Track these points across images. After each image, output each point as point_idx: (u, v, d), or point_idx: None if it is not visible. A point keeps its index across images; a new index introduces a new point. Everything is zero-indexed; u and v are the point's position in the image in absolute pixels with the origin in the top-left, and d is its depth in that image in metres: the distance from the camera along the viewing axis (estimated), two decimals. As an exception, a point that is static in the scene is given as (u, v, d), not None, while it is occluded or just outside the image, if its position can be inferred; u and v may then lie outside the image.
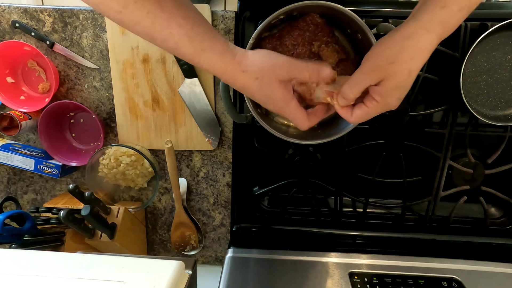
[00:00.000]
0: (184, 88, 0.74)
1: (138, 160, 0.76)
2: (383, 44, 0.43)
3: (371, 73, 0.43)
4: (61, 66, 0.75)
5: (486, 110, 0.67)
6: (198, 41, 0.42)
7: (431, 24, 0.40)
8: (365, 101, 0.45)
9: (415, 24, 0.41)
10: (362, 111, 0.46)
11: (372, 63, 0.43)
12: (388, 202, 0.78)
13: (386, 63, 0.42)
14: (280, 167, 0.77)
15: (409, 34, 0.41)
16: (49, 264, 0.46)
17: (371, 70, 0.43)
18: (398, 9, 0.65)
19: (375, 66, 0.43)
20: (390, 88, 0.43)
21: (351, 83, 0.45)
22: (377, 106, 0.45)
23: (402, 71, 0.42)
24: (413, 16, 0.42)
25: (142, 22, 0.40)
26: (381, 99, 0.44)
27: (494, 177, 0.73)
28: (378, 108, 0.45)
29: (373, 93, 0.44)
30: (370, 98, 0.45)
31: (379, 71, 0.42)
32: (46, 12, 0.72)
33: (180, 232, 0.82)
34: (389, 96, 0.44)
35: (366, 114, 0.46)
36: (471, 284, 0.61)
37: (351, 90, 0.45)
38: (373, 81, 0.43)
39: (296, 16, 0.57)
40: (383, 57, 0.42)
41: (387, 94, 0.43)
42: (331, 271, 0.63)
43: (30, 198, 0.84)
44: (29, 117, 0.74)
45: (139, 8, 0.39)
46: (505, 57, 0.64)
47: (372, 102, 0.45)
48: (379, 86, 0.43)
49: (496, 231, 0.76)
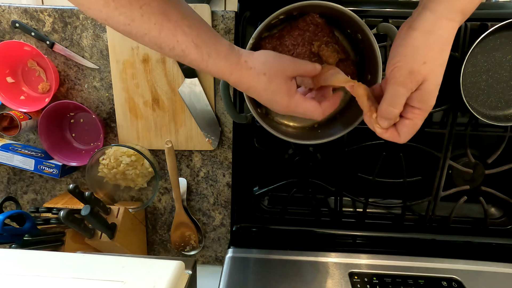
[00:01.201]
0: (184, 88, 0.74)
1: (138, 160, 0.76)
2: (406, 47, 0.40)
3: (409, 81, 0.40)
4: (61, 66, 0.75)
5: (486, 110, 0.67)
6: (204, 47, 0.43)
7: (450, 13, 0.39)
8: (405, 114, 0.42)
9: (434, 16, 0.39)
10: (408, 126, 0.43)
11: (405, 70, 0.40)
12: (388, 202, 0.78)
13: (419, 65, 0.39)
14: (280, 167, 0.77)
15: (431, 29, 0.39)
16: (49, 264, 0.46)
17: (407, 77, 0.40)
18: (398, 9, 0.65)
19: (410, 72, 0.40)
20: (431, 90, 0.40)
21: (389, 99, 0.41)
22: (422, 113, 0.42)
23: (436, 68, 0.40)
24: (427, 7, 0.40)
25: (150, 33, 0.41)
26: (424, 104, 0.41)
27: (494, 177, 0.73)
28: (424, 114, 0.42)
29: (413, 101, 0.41)
30: (411, 108, 0.42)
31: (416, 76, 0.40)
32: (46, 12, 0.72)
33: (180, 232, 0.82)
34: (431, 98, 0.41)
35: (414, 128, 0.43)
36: (471, 284, 0.61)
37: (394, 106, 0.41)
38: (413, 88, 0.40)
39: (296, 16, 0.57)
40: (415, 60, 0.40)
41: (429, 97, 0.41)
42: (331, 271, 0.63)
43: (30, 198, 0.84)
44: (29, 117, 0.74)
45: (146, 20, 0.40)
46: (505, 57, 0.64)
47: (415, 112, 0.42)
48: (419, 91, 0.40)
49: (496, 231, 0.76)
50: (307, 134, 0.62)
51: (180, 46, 0.42)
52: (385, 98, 0.42)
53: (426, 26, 0.39)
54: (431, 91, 0.40)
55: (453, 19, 0.39)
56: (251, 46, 0.54)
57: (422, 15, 0.40)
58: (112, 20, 0.40)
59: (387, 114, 0.42)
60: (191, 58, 0.43)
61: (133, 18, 0.40)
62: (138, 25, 0.40)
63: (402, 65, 0.40)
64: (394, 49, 0.42)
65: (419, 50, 0.39)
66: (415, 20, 0.40)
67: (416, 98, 0.41)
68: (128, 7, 0.39)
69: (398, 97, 0.41)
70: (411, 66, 0.40)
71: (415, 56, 0.40)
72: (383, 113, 0.42)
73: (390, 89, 0.41)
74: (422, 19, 0.39)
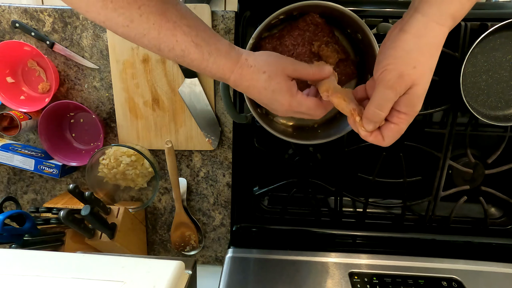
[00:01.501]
0: (184, 88, 0.74)
1: (138, 160, 0.76)
2: (396, 49, 0.39)
3: (398, 84, 0.39)
4: (61, 66, 0.75)
5: (486, 110, 0.67)
6: (205, 46, 0.43)
7: (441, 18, 0.38)
8: (391, 118, 0.41)
9: (425, 19, 0.39)
10: (392, 131, 0.42)
11: (395, 73, 0.39)
12: (388, 202, 0.78)
13: (410, 69, 0.38)
14: (280, 167, 0.77)
15: (422, 33, 0.39)
16: (49, 264, 0.46)
17: (397, 81, 0.39)
18: (398, 9, 0.65)
19: (400, 75, 0.38)
20: (419, 95, 0.39)
21: (377, 101, 0.40)
22: (407, 118, 0.41)
23: (425, 72, 0.39)
24: (418, 10, 0.39)
25: (149, 34, 0.41)
26: (411, 109, 0.40)
27: (494, 177, 0.73)
28: (409, 120, 0.41)
29: (400, 106, 0.40)
30: (396, 113, 0.41)
31: (406, 80, 0.38)
32: (46, 12, 0.72)
33: (180, 232, 0.82)
34: (418, 102, 0.40)
35: (398, 132, 0.42)
36: (471, 284, 0.61)
37: (381, 109, 0.40)
38: (402, 92, 0.39)
39: (296, 16, 0.57)
40: (405, 64, 0.39)
41: (416, 102, 0.40)
42: (331, 271, 0.63)
43: (30, 198, 0.84)
44: (29, 117, 0.74)
45: (145, 20, 0.40)
46: (505, 57, 0.64)
47: (400, 116, 0.41)
48: (406, 96, 0.39)
49: (496, 231, 0.76)
50: (307, 134, 0.62)
51: (179, 46, 0.42)
52: (372, 101, 0.41)
53: (418, 29, 0.39)
54: (419, 96, 0.40)
55: (444, 24, 0.39)
56: (251, 46, 0.54)
57: (413, 18, 0.39)
58: (111, 21, 0.40)
59: (374, 117, 0.41)
60: (191, 58, 0.43)
61: (132, 18, 0.40)
62: (137, 25, 0.40)
63: (392, 68, 0.39)
64: (383, 52, 0.41)
65: (410, 53, 0.39)
66: (406, 22, 0.39)
67: (403, 103, 0.40)
68: (127, 7, 0.39)
69: (387, 101, 0.40)
70: (402, 69, 0.39)
71: (406, 59, 0.39)
72: (370, 116, 0.41)
73: (378, 92, 0.40)
74: (414, 22, 0.39)
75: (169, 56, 0.43)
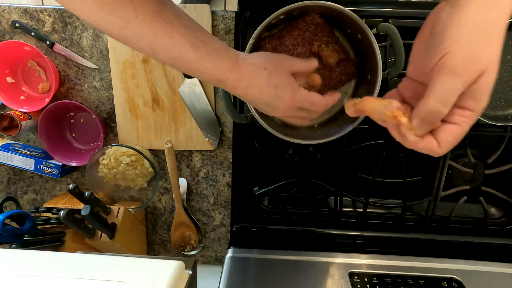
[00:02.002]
0: (184, 88, 0.74)
1: (138, 160, 0.76)
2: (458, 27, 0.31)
3: (466, 70, 0.31)
4: (61, 66, 0.75)
5: (486, 110, 0.67)
6: (202, 46, 0.43)
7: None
8: (450, 118, 0.33)
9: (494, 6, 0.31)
10: (453, 134, 0.34)
11: (461, 56, 0.31)
12: (388, 202, 0.78)
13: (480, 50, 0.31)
14: (280, 167, 0.77)
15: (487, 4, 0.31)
16: (49, 264, 0.46)
17: (465, 66, 0.31)
18: (398, 9, 0.65)
19: (469, 58, 0.31)
20: (489, 84, 0.32)
21: (439, 94, 0.32)
22: (472, 116, 0.33)
23: (496, 55, 0.32)
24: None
25: (146, 36, 0.41)
26: (477, 104, 0.32)
27: (494, 177, 0.73)
28: (474, 118, 0.33)
29: (464, 100, 0.32)
30: (458, 110, 0.33)
31: (476, 64, 0.31)
32: (46, 12, 0.72)
33: (180, 232, 0.82)
34: (486, 96, 0.32)
35: (460, 136, 0.34)
36: (471, 284, 0.61)
37: (444, 104, 0.32)
38: (471, 81, 0.31)
39: (296, 16, 0.57)
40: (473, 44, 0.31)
41: (485, 94, 0.32)
42: (331, 271, 0.63)
43: (30, 198, 0.84)
44: (29, 117, 0.74)
45: (141, 22, 0.39)
46: (505, 57, 0.64)
47: (464, 114, 0.33)
48: (474, 86, 0.32)
49: (496, 231, 0.76)
50: (307, 134, 0.62)
51: (177, 47, 0.41)
52: (431, 94, 0.32)
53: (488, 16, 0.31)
54: (490, 86, 0.32)
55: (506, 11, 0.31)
56: (251, 46, 0.54)
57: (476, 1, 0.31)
58: (107, 24, 0.40)
59: (432, 115, 0.33)
60: (188, 59, 0.43)
61: (128, 20, 0.39)
62: (134, 27, 0.40)
63: (457, 49, 0.31)
64: (438, 34, 0.33)
65: (476, 31, 0.31)
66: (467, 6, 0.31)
67: (469, 95, 0.32)
68: (123, 9, 0.38)
69: (452, 93, 0.31)
70: (470, 51, 0.31)
71: (474, 39, 0.31)
72: (427, 115, 0.33)
73: (440, 82, 0.32)
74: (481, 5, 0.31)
75: (165, 58, 0.43)
